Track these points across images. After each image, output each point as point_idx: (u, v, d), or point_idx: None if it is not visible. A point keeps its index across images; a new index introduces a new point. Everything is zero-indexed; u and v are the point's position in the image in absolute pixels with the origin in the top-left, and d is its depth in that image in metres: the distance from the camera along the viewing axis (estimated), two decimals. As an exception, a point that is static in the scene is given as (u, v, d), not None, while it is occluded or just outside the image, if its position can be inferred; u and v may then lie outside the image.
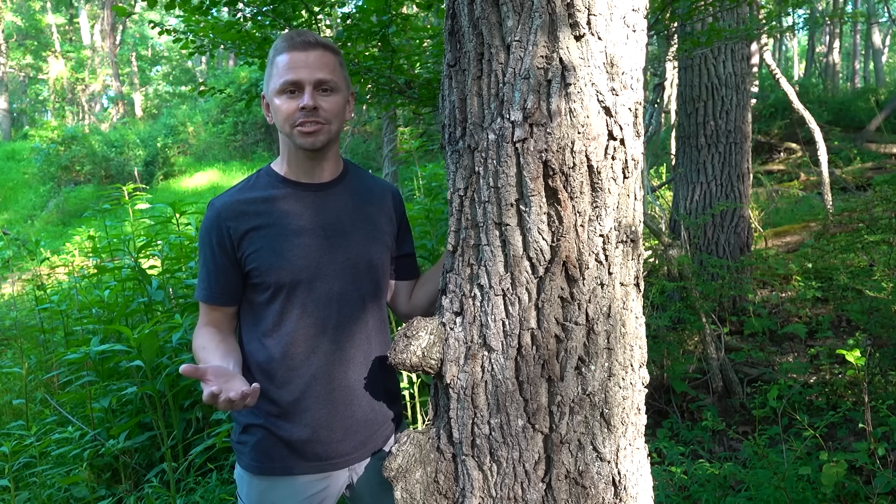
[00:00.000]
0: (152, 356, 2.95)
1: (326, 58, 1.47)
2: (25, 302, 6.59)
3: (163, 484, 2.99)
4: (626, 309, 1.28)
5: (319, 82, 1.46)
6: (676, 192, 5.24)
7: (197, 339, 1.55)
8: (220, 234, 1.50)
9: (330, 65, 1.48)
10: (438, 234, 3.96)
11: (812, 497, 2.35)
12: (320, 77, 1.46)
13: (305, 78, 1.44)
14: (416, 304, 1.69)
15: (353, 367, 1.56)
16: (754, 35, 4.54)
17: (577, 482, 1.24)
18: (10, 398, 4.59)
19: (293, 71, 1.44)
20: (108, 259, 4.43)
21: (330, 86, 1.48)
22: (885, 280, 3.80)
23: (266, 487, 1.54)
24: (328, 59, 1.48)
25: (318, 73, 1.45)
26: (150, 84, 33.80)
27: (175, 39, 3.28)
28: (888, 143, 11.26)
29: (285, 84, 1.45)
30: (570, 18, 1.16)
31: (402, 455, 1.30)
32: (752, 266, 4.99)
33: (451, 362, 1.27)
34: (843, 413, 2.71)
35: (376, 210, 1.63)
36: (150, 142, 20.67)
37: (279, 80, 1.46)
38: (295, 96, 1.46)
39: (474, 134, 1.26)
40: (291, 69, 1.44)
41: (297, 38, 1.47)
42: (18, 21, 29.38)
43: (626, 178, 1.24)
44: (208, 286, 1.54)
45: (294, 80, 1.44)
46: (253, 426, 1.55)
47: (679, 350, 3.91)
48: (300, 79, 1.44)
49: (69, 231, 13.86)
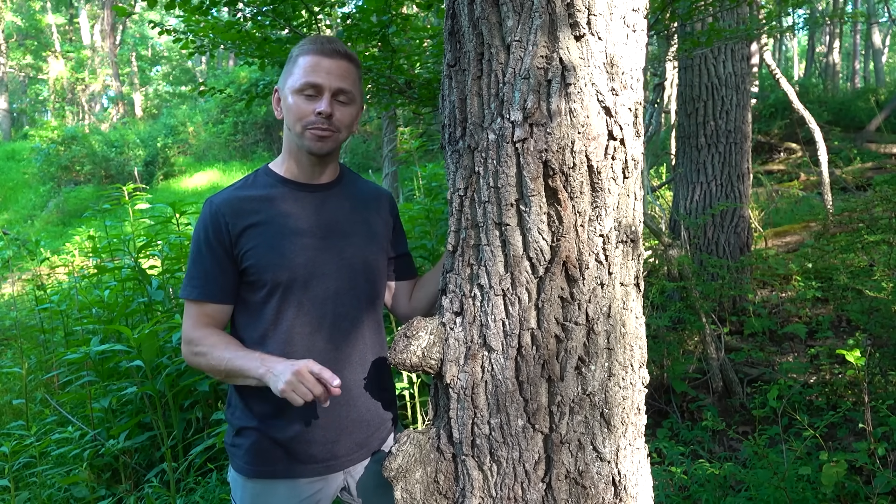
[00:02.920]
0: (152, 356, 2.95)
1: (349, 69, 1.50)
2: (25, 302, 6.59)
3: (163, 484, 2.99)
4: (626, 309, 1.28)
5: (339, 91, 1.48)
6: (676, 192, 5.24)
7: (206, 339, 1.48)
8: (218, 230, 1.49)
9: (352, 77, 1.51)
10: (438, 234, 3.96)
11: (812, 497, 2.35)
12: (341, 86, 1.48)
13: (327, 84, 1.46)
14: (415, 305, 1.69)
15: (348, 367, 1.55)
16: (754, 35, 4.54)
17: (577, 482, 1.24)
18: (10, 398, 4.59)
19: (316, 74, 1.46)
20: (108, 259, 4.43)
21: (348, 97, 1.50)
22: (885, 280, 3.79)
23: (261, 490, 1.53)
24: (351, 71, 1.51)
25: (339, 82, 1.48)
26: (150, 84, 33.79)
27: (175, 39, 3.28)
28: (888, 143, 11.25)
29: (305, 85, 1.46)
30: (570, 18, 1.16)
31: (402, 455, 1.29)
32: (752, 266, 4.99)
33: (451, 362, 1.27)
34: (843, 413, 2.71)
35: (372, 214, 1.64)
36: (150, 142, 20.67)
37: (300, 80, 1.47)
38: (313, 99, 1.47)
39: (474, 134, 1.26)
40: (315, 72, 1.46)
41: (327, 44, 1.49)
42: (18, 21, 29.38)
43: (626, 178, 1.24)
44: (204, 283, 1.51)
45: (316, 83, 1.46)
46: (247, 429, 1.54)
47: (679, 350, 3.90)
48: (322, 83, 1.46)
49: (69, 231, 13.87)
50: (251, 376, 1.42)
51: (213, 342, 1.49)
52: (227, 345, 1.48)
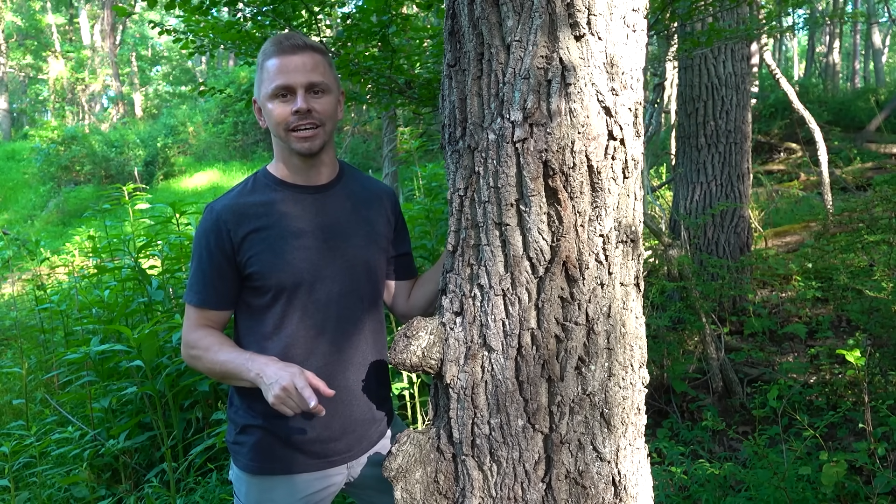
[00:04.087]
0: (152, 356, 2.95)
1: (316, 59, 1.48)
2: (25, 302, 6.59)
3: (163, 484, 2.99)
4: (626, 309, 1.28)
5: (311, 85, 1.46)
6: (676, 192, 5.24)
7: (201, 342, 1.51)
8: (220, 237, 1.49)
9: (320, 66, 1.48)
10: (438, 234, 3.96)
11: (812, 497, 2.35)
12: (312, 80, 1.46)
13: (297, 81, 1.45)
14: (414, 304, 1.69)
15: (351, 368, 1.56)
16: (754, 35, 4.54)
17: (577, 482, 1.24)
18: (10, 398, 4.59)
19: (284, 75, 1.45)
20: (108, 259, 4.43)
21: (321, 87, 1.48)
22: (885, 280, 3.79)
23: (266, 487, 1.55)
24: (317, 61, 1.48)
25: (309, 76, 1.46)
26: (150, 84, 33.79)
27: (175, 39, 3.28)
28: (888, 143, 11.25)
29: (277, 88, 1.45)
30: (570, 18, 1.16)
31: (402, 455, 1.29)
32: (752, 266, 4.99)
33: (451, 362, 1.27)
34: (843, 413, 2.71)
35: (374, 212, 1.63)
36: (150, 142, 20.66)
37: (270, 85, 1.46)
38: (287, 100, 1.46)
39: (474, 134, 1.26)
40: (282, 73, 1.45)
41: (285, 41, 1.47)
42: (18, 21, 29.37)
43: (626, 178, 1.24)
44: (203, 290, 1.52)
45: (286, 84, 1.45)
46: (251, 427, 1.55)
47: (679, 350, 3.90)
48: (292, 82, 1.45)
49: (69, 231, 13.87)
50: (244, 378, 1.44)
51: (208, 344, 1.50)
52: (222, 346, 1.49)
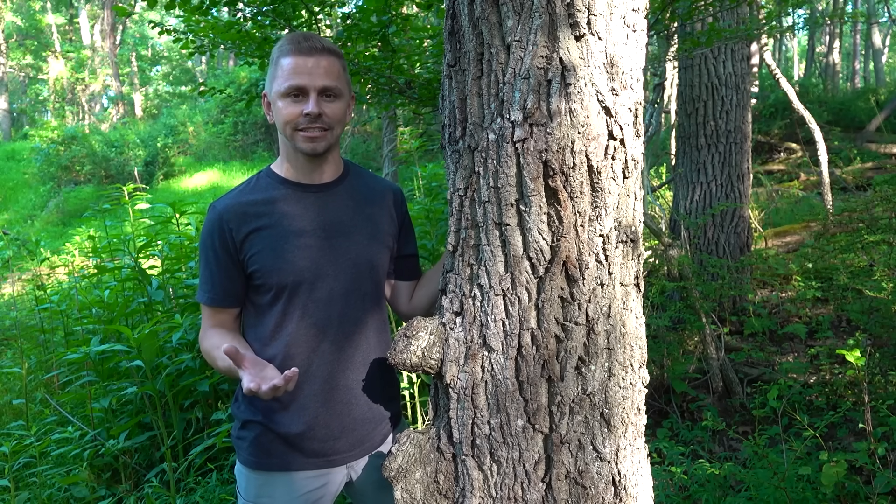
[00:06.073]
0: (152, 356, 2.95)
1: (331, 63, 1.48)
2: (25, 302, 6.59)
3: (163, 484, 2.99)
4: (626, 309, 1.28)
5: (324, 89, 1.46)
6: (676, 192, 5.24)
7: (207, 341, 1.55)
8: (223, 237, 1.50)
9: (335, 71, 1.48)
10: (438, 234, 3.96)
11: (812, 497, 2.35)
12: (326, 84, 1.46)
13: (311, 84, 1.45)
14: (416, 304, 1.69)
15: (352, 367, 1.56)
16: (754, 35, 4.54)
17: (577, 482, 1.24)
18: (10, 398, 4.59)
19: (298, 76, 1.44)
20: (108, 259, 4.43)
21: (334, 92, 1.48)
22: (885, 280, 3.79)
23: (264, 482, 1.56)
24: (333, 65, 1.48)
25: (323, 80, 1.45)
26: (150, 84, 33.79)
27: (175, 39, 3.28)
28: (888, 143, 11.25)
29: (290, 88, 1.45)
30: (570, 18, 1.16)
31: (402, 455, 1.29)
32: (752, 266, 4.99)
33: (451, 362, 1.27)
34: (843, 413, 2.71)
35: (377, 210, 1.63)
36: (150, 142, 20.66)
37: (283, 84, 1.46)
38: (299, 101, 1.46)
39: (474, 134, 1.26)
40: (296, 74, 1.44)
41: (303, 42, 1.46)
42: (18, 21, 29.38)
43: (626, 178, 1.24)
44: (211, 289, 1.54)
45: (299, 85, 1.45)
46: (251, 422, 1.56)
47: (679, 350, 3.90)
48: (305, 85, 1.45)
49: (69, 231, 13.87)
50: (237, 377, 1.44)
51: (215, 343, 1.52)
52: (220, 347, 1.50)
